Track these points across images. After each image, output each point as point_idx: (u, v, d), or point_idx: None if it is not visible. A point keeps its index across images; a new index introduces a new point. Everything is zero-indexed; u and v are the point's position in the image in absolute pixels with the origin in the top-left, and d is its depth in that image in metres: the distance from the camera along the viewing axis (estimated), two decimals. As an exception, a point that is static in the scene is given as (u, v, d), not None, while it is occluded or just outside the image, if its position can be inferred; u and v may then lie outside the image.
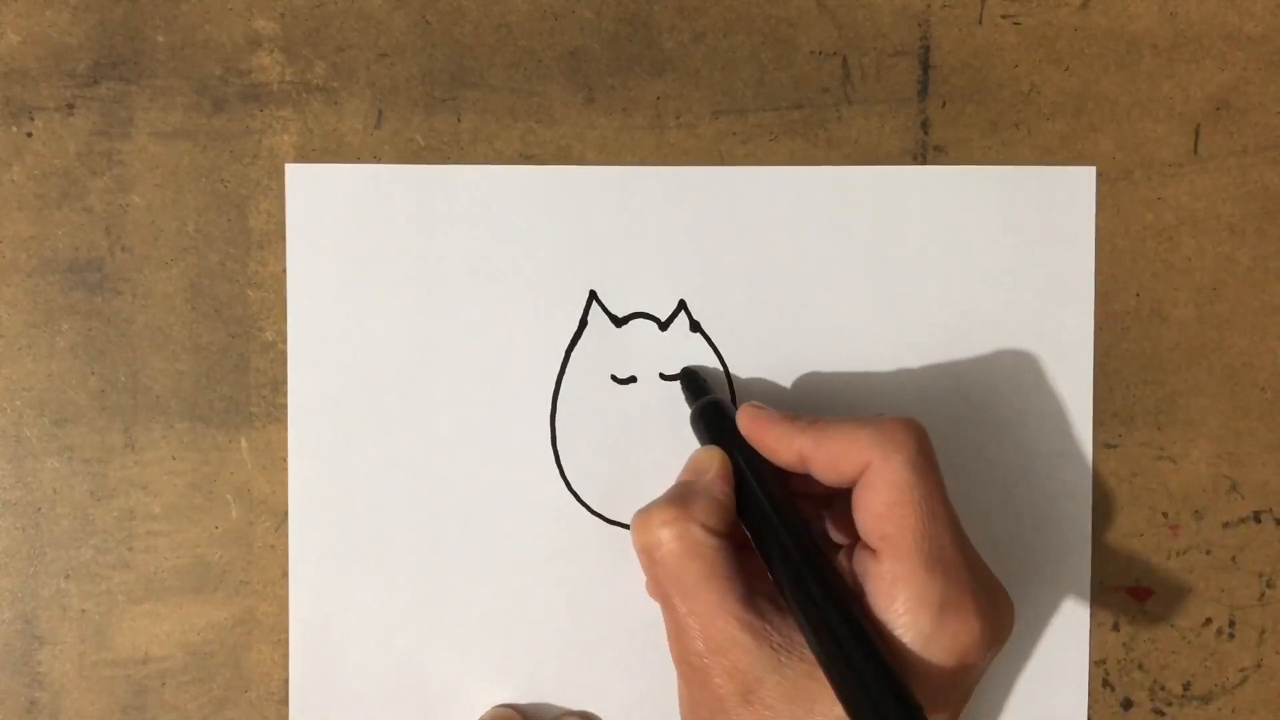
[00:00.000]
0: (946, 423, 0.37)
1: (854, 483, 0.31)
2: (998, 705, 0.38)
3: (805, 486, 0.33)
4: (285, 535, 0.37)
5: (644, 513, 0.32)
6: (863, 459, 0.30)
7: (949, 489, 0.37)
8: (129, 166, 0.37)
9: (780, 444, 0.32)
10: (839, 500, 0.33)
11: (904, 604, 0.29)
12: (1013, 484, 0.38)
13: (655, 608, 0.37)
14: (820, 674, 0.28)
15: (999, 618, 0.30)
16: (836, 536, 0.34)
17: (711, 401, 0.35)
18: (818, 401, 0.37)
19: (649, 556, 0.32)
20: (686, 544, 0.31)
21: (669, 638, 0.32)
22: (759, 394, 0.37)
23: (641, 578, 0.36)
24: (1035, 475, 0.38)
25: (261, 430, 0.37)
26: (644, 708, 0.37)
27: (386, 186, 0.37)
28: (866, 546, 0.31)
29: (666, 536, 0.31)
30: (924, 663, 0.28)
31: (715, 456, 0.33)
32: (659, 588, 0.32)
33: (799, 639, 0.29)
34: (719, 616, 0.30)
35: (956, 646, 0.29)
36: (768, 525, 0.31)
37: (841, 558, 0.32)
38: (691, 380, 0.36)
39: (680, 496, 0.32)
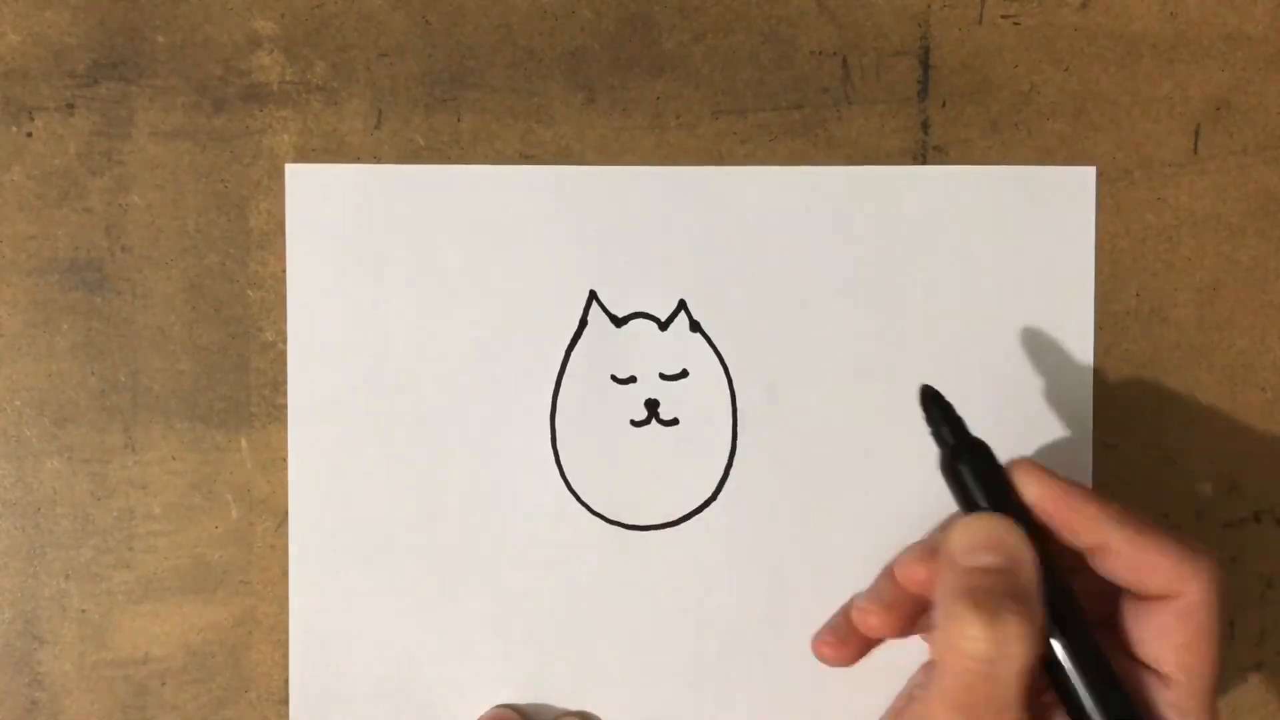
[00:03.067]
0: (946, 423, 0.37)
1: (1146, 595, 0.30)
2: (998, 705, 0.38)
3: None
4: (285, 535, 0.37)
5: (990, 617, 0.27)
6: (1177, 582, 0.29)
7: (948, 490, 0.37)
8: (129, 166, 0.37)
9: (1088, 528, 0.30)
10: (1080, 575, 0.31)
11: None
12: (1013, 484, 0.38)
13: (655, 608, 0.37)
14: None
15: None
16: None
17: (981, 446, 0.31)
18: (818, 402, 0.37)
19: (986, 668, 0.27)
20: (1032, 663, 0.27)
21: None
22: (759, 394, 0.37)
23: (642, 579, 0.36)
24: (1035, 475, 0.38)
25: (261, 430, 0.37)
26: (644, 708, 0.37)
27: (386, 186, 0.37)
28: (1152, 668, 0.30)
29: (1019, 652, 0.27)
30: None
31: (1024, 542, 0.29)
32: (971, 699, 0.27)
33: None
34: None
35: None
36: (1072, 636, 0.29)
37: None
38: (940, 407, 0.31)
39: (1020, 598, 0.28)
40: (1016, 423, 0.37)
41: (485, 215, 0.37)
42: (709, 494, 0.37)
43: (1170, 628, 0.29)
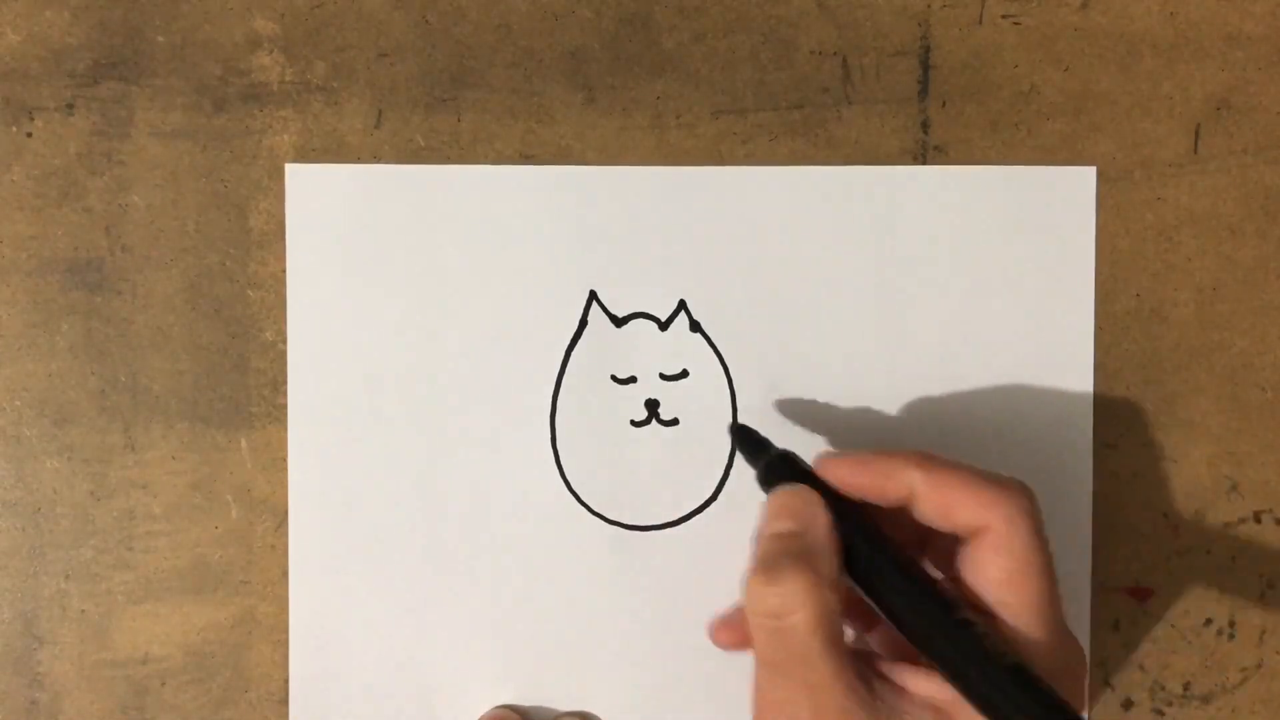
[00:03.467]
0: (946, 423, 0.37)
1: (961, 534, 0.30)
2: (998, 705, 0.38)
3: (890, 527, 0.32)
4: (285, 535, 0.37)
5: (771, 575, 0.29)
6: (982, 517, 0.30)
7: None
8: (129, 166, 0.37)
9: (889, 477, 0.31)
10: (934, 541, 0.32)
11: None
12: (1013, 484, 0.38)
13: (656, 608, 0.37)
14: None
15: (1083, 690, 0.31)
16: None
17: (782, 455, 0.33)
18: (818, 401, 0.37)
19: (775, 624, 0.29)
20: (820, 611, 0.28)
21: (763, 703, 0.30)
22: (759, 394, 0.37)
23: (642, 579, 0.36)
24: (1035, 475, 0.38)
25: (261, 430, 0.37)
26: (644, 708, 0.37)
27: (386, 186, 0.37)
28: (980, 604, 0.30)
29: (800, 604, 0.28)
30: None
31: (814, 500, 0.31)
32: (774, 654, 0.29)
33: (902, 708, 0.29)
34: (834, 687, 0.28)
35: None
36: (886, 571, 0.30)
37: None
38: (749, 437, 0.34)
39: (804, 556, 0.29)
40: (1016, 423, 0.37)
41: (485, 215, 0.37)
42: (709, 494, 0.37)
43: (985, 562, 0.30)
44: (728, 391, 0.37)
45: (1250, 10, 0.38)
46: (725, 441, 0.37)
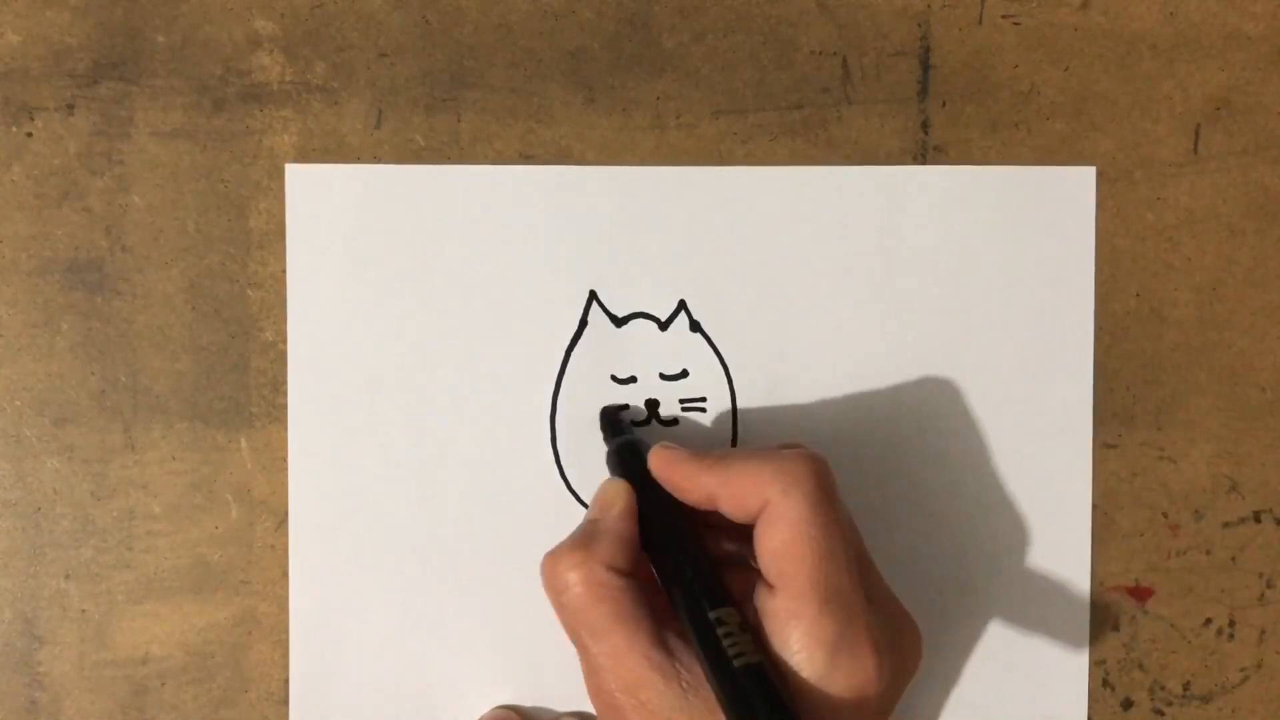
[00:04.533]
0: (946, 423, 0.37)
1: (751, 517, 0.31)
2: (998, 705, 0.38)
3: (723, 523, 0.33)
4: (285, 535, 0.37)
5: (551, 556, 0.32)
6: (763, 495, 0.30)
7: (948, 491, 0.37)
8: (129, 166, 0.37)
9: (689, 482, 0.32)
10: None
11: (798, 642, 0.29)
12: (1013, 484, 0.38)
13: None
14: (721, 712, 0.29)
15: (902, 653, 0.31)
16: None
17: (627, 442, 0.35)
18: (818, 401, 0.37)
19: (557, 600, 0.32)
20: (593, 586, 0.31)
21: (585, 677, 0.32)
22: (759, 394, 0.37)
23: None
24: (1035, 475, 0.38)
25: (261, 430, 0.37)
26: (644, 708, 0.37)
27: (386, 186, 0.37)
28: (766, 582, 0.30)
29: (573, 580, 0.31)
30: (822, 697, 0.29)
31: (621, 492, 0.33)
32: (570, 630, 0.32)
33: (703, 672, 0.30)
34: (629, 656, 0.30)
35: (852, 684, 0.29)
36: (670, 562, 0.32)
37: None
38: (610, 420, 0.36)
39: (585, 537, 0.32)
40: (1016, 422, 0.37)
41: (485, 215, 0.37)
42: (709, 494, 0.37)
43: (763, 538, 0.30)
44: (728, 391, 0.37)
45: (1250, 10, 0.38)
46: (725, 441, 0.37)
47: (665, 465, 0.33)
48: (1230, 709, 0.38)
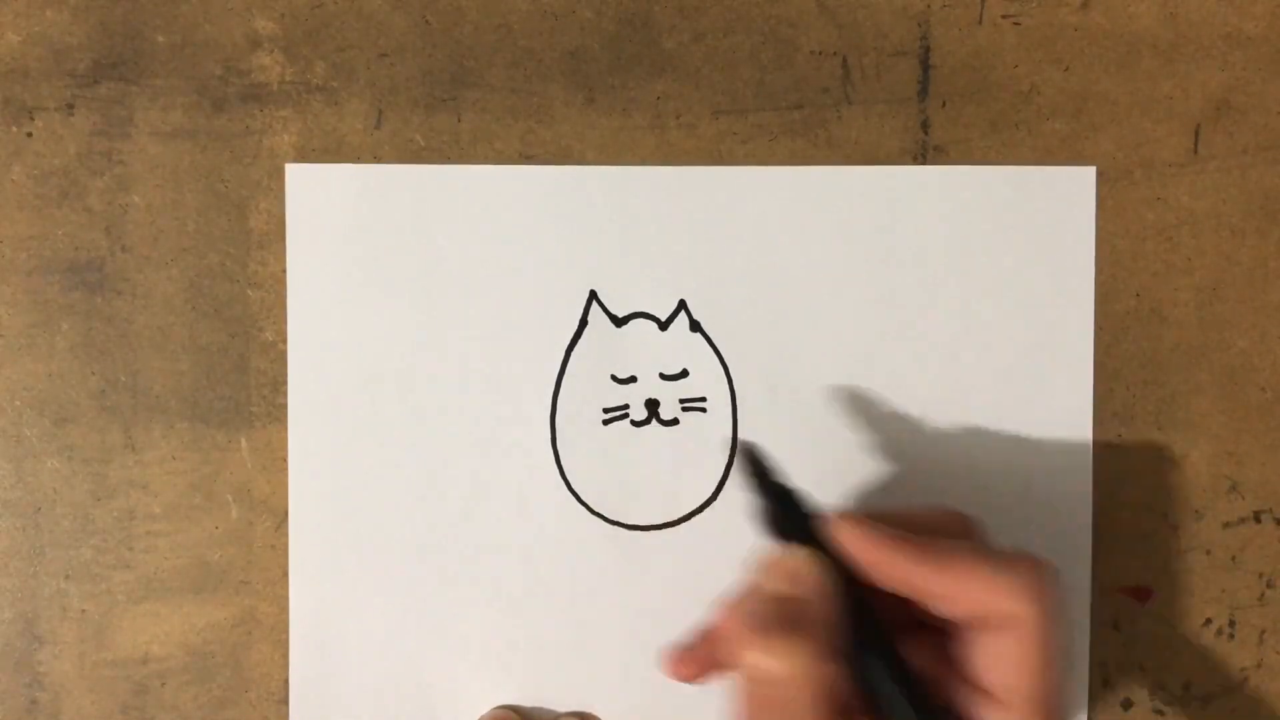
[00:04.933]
0: (946, 422, 0.37)
1: (971, 621, 0.29)
2: (998, 705, 0.38)
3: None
4: (285, 535, 0.37)
5: (774, 644, 0.28)
6: (996, 605, 0.29)
7: (948, 491, 0.37)
8: (129, 166, 0.37)
9: (892, 568, 0.29)
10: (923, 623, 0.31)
11: None
12: (1013, 484, 0.38)
13: (655, 608, 0.37)
14: None
15: None
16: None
17: (788, 492, 0.31)
18: (818, 401, 0.37)
19: (773, 691, 0.28)
20: (821, 687, 0.28)
21: None
22: (759, 394, 0.37)
23: (642, 579, 0.36)
24: (1035, 475, 0.38)
25: (261, 430, 0.37)
26: (644, 708, 0.37)
27: (386, 186, 0.37)
28: (983, 689, 0.29)
29: (805, 678, 0.28)
30: None
31: (814, 569, 0.30)
32: (756, 715, 0.29)
33: None
34: None
35: None
36: (876, 661, 0.29)
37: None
38: (756, 465, 0.32)
39: (796, 619, 0.28)
40: (1016, 423, 0.37)
41: (485, 215, 0.37)
42: (709, 494, 0.37)
43: (993, 649, 0.29)
44: (728, 391, 0.37)
45: (1250, 10, 0.38)
46: (725, 441, 0.37)
47: (862, 544, 0.30)
48: (1230, 709, 0.38)
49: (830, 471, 0.37)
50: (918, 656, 0.31)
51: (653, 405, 0.37)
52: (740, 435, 0.37)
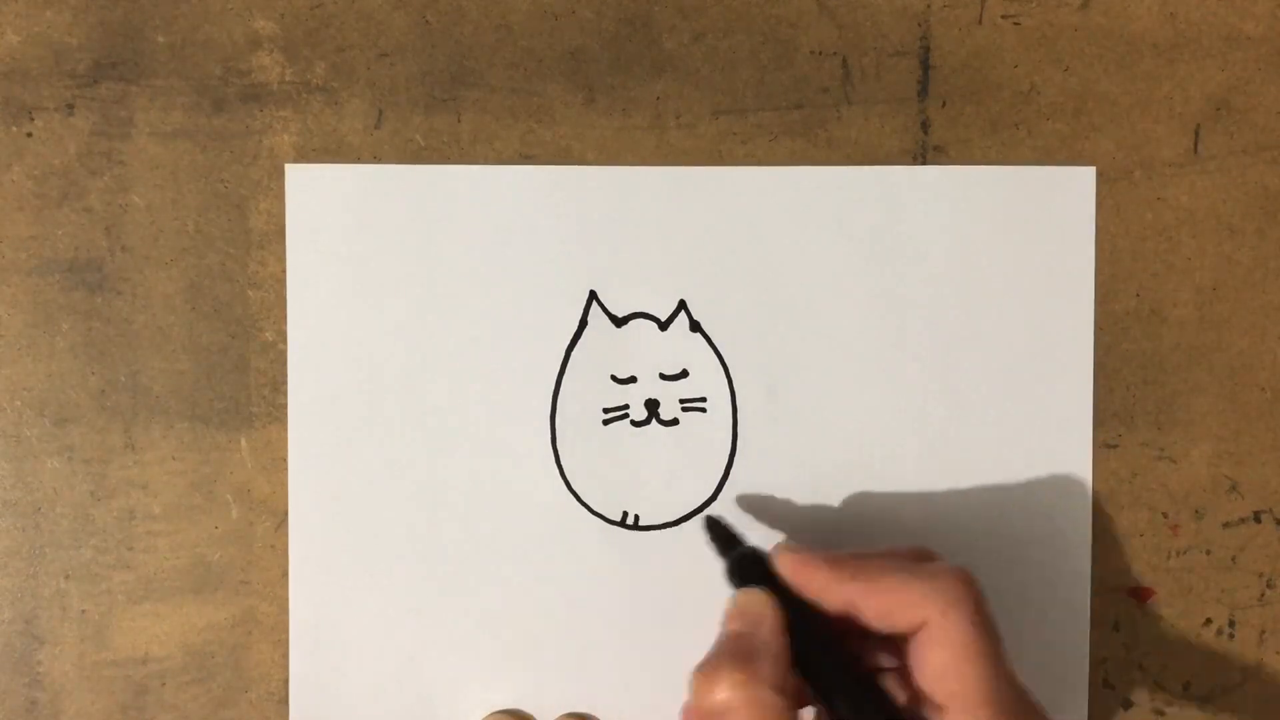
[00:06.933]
0: (946, 422, 0.37)
1: (906, 633, 0.30)
2: (998, 705, 0.38)
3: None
4: (285, 535, 0.37)
5: (708, 673, 0.29)
6: (919, 614, 0.30)
7: (948, 491, 0.37)
8: (129, 166, 0.37)
9: (827, 591, 0.31)
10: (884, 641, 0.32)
11: None
12: (1013, 484, 0.38)
13: (655, 607, 0.37)
14: None
15: None
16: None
17: (748, 554, 0.33)
18: (817, 401, 0.37)
19: (712, 715, 0.29)
20: (756, 710, 0.29)
21: None
22: (759, 394, 0.37)
23: (642, 579, 0.36)
24: (1035, 475, 0.38)
25: (261, 430, 0.37)
26: (644, 708, 0.37)
27: (386, 186, 0.37)
28: (930, 700, 0.30)
29: (736, 702, 0.29)
30: None
31: (767, 606, 0.31)
32: None
33: None
34: None
35: None
36: (838, 683, 0.30)
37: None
38: (719, 531, 0.34)
39: (744, 654, 0.30)
40: (1017, 423, 0.37)
41: (485, 215, 0.37)
42: (709, 494, 0.37)
43: (926, 656, 0.30)
44: (728, 391, 0.37)
45: (1250, 10, 0.38)
46: (725, 441, 0.37)
47: (798, 570, 0.31)
48: (1230, 709, 0.38)
49: (830, 471, 0.37)
50: (890, 680, 0.32)
51: (653, 405, 0.37)
52: (740, 435, 0.37)
